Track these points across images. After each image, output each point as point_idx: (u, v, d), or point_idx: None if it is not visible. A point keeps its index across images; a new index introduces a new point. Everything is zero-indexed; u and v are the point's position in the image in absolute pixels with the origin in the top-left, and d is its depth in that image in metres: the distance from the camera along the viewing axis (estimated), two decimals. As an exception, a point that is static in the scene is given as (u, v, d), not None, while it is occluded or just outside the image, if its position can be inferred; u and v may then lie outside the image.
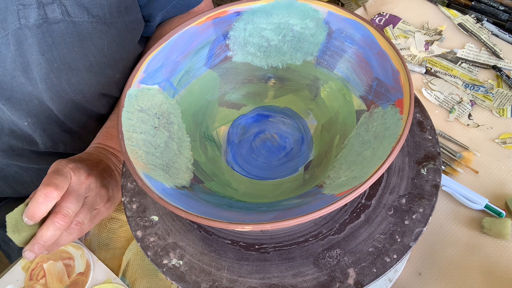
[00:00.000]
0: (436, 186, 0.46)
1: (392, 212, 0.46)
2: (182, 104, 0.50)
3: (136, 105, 0.46)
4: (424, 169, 0.48)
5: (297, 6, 0.50)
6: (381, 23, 0.83)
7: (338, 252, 0.44)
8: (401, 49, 0.79)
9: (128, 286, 0.58)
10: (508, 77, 0.71)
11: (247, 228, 0.37)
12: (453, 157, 0.65)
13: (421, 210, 0.45)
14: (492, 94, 0.71)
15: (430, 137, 0.50)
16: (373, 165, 0.39)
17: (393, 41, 0.80)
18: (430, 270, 0.57)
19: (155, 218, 0.49)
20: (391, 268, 0.43)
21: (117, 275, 0.58)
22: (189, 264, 0.45)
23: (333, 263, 0.44)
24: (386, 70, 0.46)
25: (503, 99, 0.70)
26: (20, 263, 0.60)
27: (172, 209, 0.38)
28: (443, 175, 0.59)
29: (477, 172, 0.64)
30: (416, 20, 0.82)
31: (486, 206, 0.59)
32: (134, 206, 0.50)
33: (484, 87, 0.72)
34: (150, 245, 0.47)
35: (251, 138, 0.53)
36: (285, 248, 0.46)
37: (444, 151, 0.66)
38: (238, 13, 0.50)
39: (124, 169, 0.53)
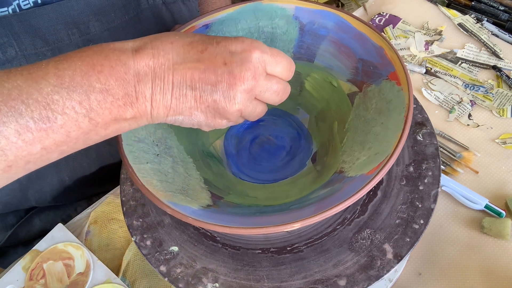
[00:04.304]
0: (436, 148, 0.48)
1: (404, 182, 0.47)
2: (174, 126, 0.50)
3: (133, 137, 0.45)
4: (419, 135, 0.49)
5: (262, 8, 0.50)
6: (381, 23, 0.82)
7: (368, 232, 0.45)
8: (401, 49, 0.79)
9: (128, 286, 0.58)
10: (508, 77, 0.71)
11: (296, 226, 0.36)
12: (453, 157, 0.65)
13: (430, 173, 0.46)
14: (492, 94, 0.71)
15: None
16: (391, 138, 0.40)
17: (393, 41, 0.80)
18: (430, 270, 0.57)
19: (175, 248, 0.46)
20: (422, 234, 0.43)
21: (117, 275, 0.58)
22: (226, 284, 0.44)
23: (368, 244, 0.44)
24: (368, 49, 0.46)
25: (503, 99, 0.70)
26: (20, 263, 0.60)
27: (216, 228, 0.37)
28: (443, 175, 0.59)
29: (477, 172, 0.64)
30: (416, 20, 0.82)
31: (486, 206, 0.59)
32: (148, 242, 0.47)
33: (484, 87, 0.72)
34: (179, 276, 0.44)
35: (248, 146, 0.53)
36: (317, 242, 0.45)
37: (444, 151, 0.66)
38: (206, 26, 0.50)
39: (124, 209, 0.50)
